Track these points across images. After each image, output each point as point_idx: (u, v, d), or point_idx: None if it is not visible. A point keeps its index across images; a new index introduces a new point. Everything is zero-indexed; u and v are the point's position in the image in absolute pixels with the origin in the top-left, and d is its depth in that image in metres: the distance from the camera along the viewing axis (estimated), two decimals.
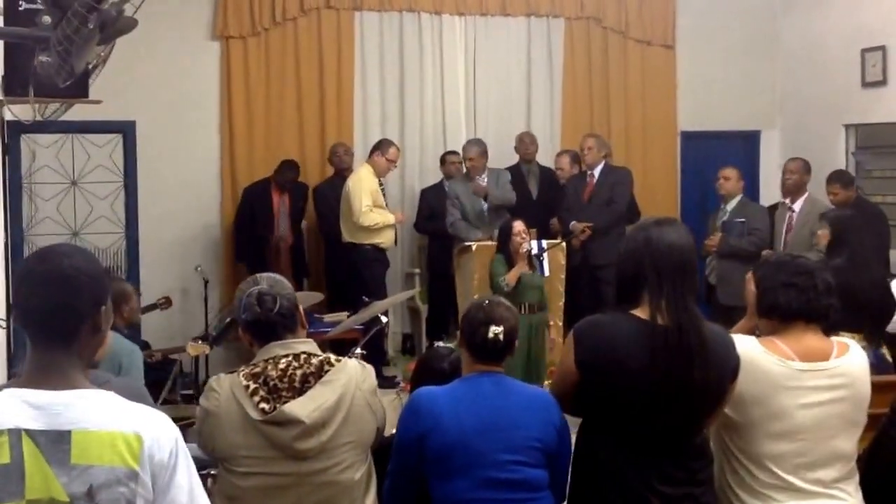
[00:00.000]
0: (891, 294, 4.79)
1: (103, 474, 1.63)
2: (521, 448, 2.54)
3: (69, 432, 1.64)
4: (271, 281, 2.55)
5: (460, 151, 7.43)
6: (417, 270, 7.92)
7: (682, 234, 2.48)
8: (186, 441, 3.05)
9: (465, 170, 7.32)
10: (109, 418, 1.67)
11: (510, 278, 5.59)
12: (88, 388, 1.71)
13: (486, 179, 7.14)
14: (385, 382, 6.92)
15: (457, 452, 2.51)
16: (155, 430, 1.70)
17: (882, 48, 7.29)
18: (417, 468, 2.57)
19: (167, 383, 5.25)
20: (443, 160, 7.74)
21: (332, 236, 7.27)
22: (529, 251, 5.69)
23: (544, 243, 6.18)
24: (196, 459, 1.86)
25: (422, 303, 7.75)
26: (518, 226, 5.73)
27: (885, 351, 4.58)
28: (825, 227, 5.05)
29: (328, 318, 6.83)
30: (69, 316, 1.70)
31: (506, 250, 5.72)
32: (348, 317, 5.94)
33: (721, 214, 6.81)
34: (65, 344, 1.70)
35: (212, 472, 2.68)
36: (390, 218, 7.03)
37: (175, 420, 4.39)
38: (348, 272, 7.08)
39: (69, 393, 1.67)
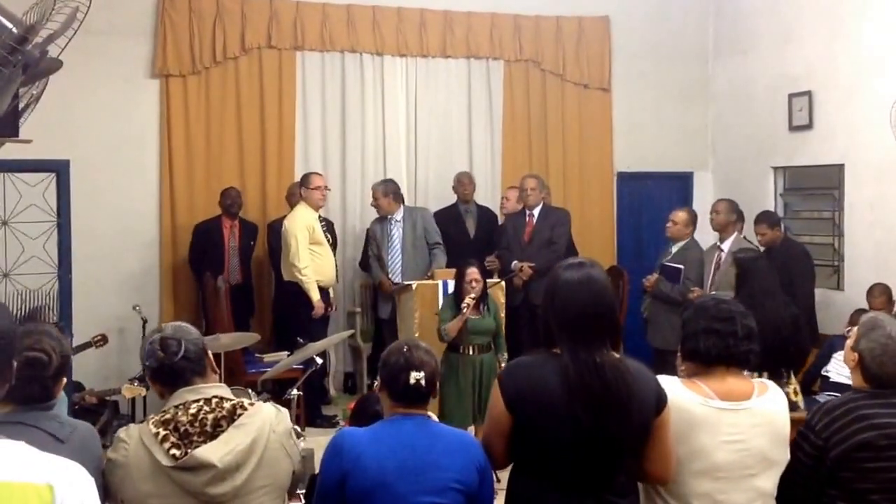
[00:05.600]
0: (799, 334, 4.98)
1: None
2: (442, 490, 2.52)
3: None
4: (175, 327, 2.54)
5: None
6: (358, 309, 7.91)
7: (589, 277, 2.50)
8: None
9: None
10: (20, 469, 1.63)
11: (451, 329, 5.51)
12: None
13: (401, 218, 7.28)
14: (325, 421, 6.89)
15: (376, 494, 2.49)
16: (67, 480, 1.66)
17: (808, 93, 7.58)
18: None
19: (97, 426, 5.16)
20: None
21: (281, 273, 7.19)
22: (477, 298, 5.53)
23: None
24: None
25: (363, 342, 7.74)
26: (471, 273, 5.57)
27: (789, 390, 4.73)
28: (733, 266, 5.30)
29: (268, 358, 6.80)
30: None
31: (457, 292, 5.65)
32: (287, 357, 5.92)
33: (666, 254, 6.93)
34: None
35: None
36: (314, 288, 6.87)
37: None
38: (290, 311, 7.04)
39: None
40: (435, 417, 2.75)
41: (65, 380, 2.62)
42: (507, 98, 8.42)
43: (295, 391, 4.72)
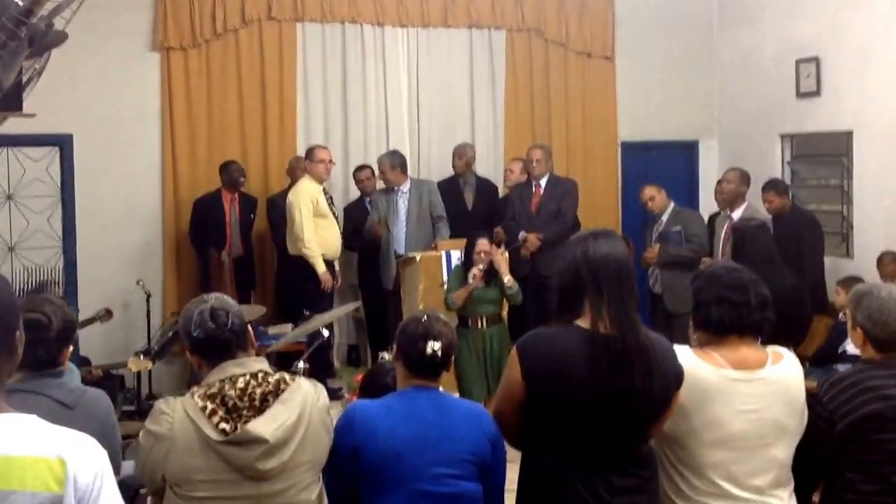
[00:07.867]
0: (802, 305, 4.94)
1: (25, 500, 1.58)
2: (455, 461, 2.52)
3: None
4: (219, 298, 2.50)
5: (375, 164, 7.43)
6: (355, 282, 7.88)
7: (616, 244, 2.54)
8: (123, 459, 3.01)
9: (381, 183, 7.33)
10: (32, 443, 1.62)
11: (458, 297, 5.57)
12: (8, 412, 1.66)
13: (407, 190, 7.21)
14: (330, 394, 6.87)
15: (389, 466, 2.49)
16: (79, 453, 1.66)
17: (815, 59, 7.48)
18: (355, 481, 2.54)
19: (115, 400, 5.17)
20: (354, 176, 7.68)
21: (283, 247, 7.18)
22: (486, 269, 5.59)
23: None
24: (127, 481, 1.83)
25: (366, 314, 7.72)
26: (481, 244, 5.63)
27: None
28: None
29: (272, 330, 6.79)
30: None
31: (467, 263, 5.69)
32: (292, 329, 5.91)
33: (657, 225, 6.90)
34: None
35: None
36: (320, 261, 6.85)
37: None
38: (294, 284, 7.03)
39: None
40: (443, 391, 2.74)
41: (72, 348, 2.67)
42: (510, 68, 8.33)
43: (301, 363, 4.70)
